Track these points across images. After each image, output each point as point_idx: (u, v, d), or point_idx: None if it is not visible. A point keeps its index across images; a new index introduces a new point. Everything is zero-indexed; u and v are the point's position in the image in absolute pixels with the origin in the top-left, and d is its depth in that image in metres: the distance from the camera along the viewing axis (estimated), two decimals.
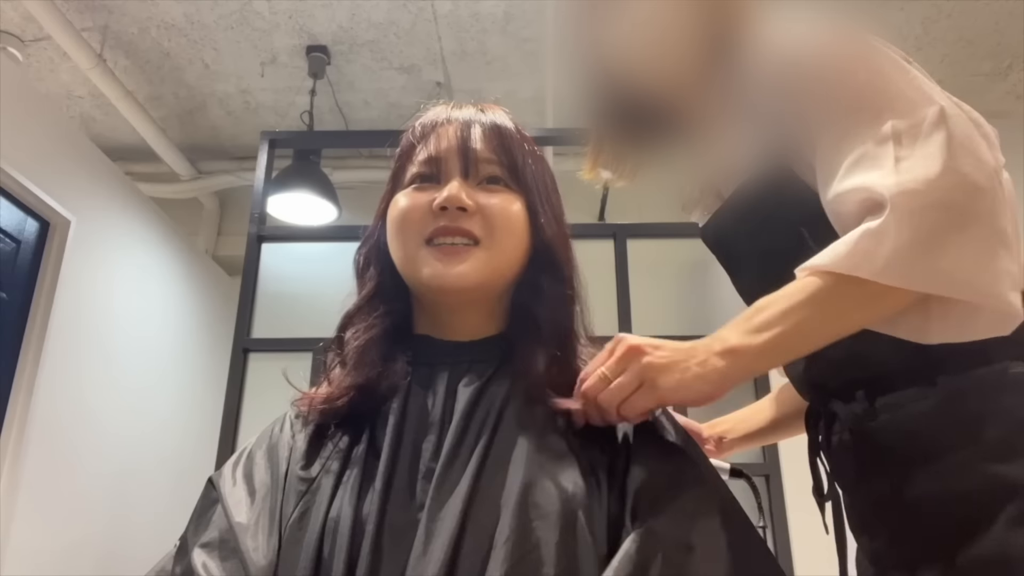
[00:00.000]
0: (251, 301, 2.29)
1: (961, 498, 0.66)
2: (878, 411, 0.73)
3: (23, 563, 2.28)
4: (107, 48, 2.82)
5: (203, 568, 0.62)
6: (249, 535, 0.63)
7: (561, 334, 0.72)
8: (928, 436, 0.69)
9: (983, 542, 0.64)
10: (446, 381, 0.70)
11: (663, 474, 0.63)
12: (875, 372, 0.74)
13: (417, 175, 0.74)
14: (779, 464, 2.11)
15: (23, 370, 2.39)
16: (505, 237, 0.72)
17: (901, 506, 0.71)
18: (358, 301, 0.77)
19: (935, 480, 0.68)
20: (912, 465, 0.70)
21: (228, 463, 0.72)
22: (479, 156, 0.73)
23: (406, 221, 0.72)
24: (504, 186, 0.74)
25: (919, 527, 0.70)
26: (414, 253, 0.72)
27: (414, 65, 2.99)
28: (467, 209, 0.70)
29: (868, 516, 0.78)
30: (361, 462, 0.65)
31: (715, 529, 0.60)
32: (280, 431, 0.73)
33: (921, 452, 0.69)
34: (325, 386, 0.73)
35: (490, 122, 0.76)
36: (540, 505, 0.59)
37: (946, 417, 0.68)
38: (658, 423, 0.70)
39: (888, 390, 0.72)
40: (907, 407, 0.71)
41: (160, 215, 3.24)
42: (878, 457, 0.74)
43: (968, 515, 0.65)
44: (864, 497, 0.78)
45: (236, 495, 0.67)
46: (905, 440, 0.71)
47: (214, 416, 2.21)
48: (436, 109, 0.79)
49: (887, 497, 0.73)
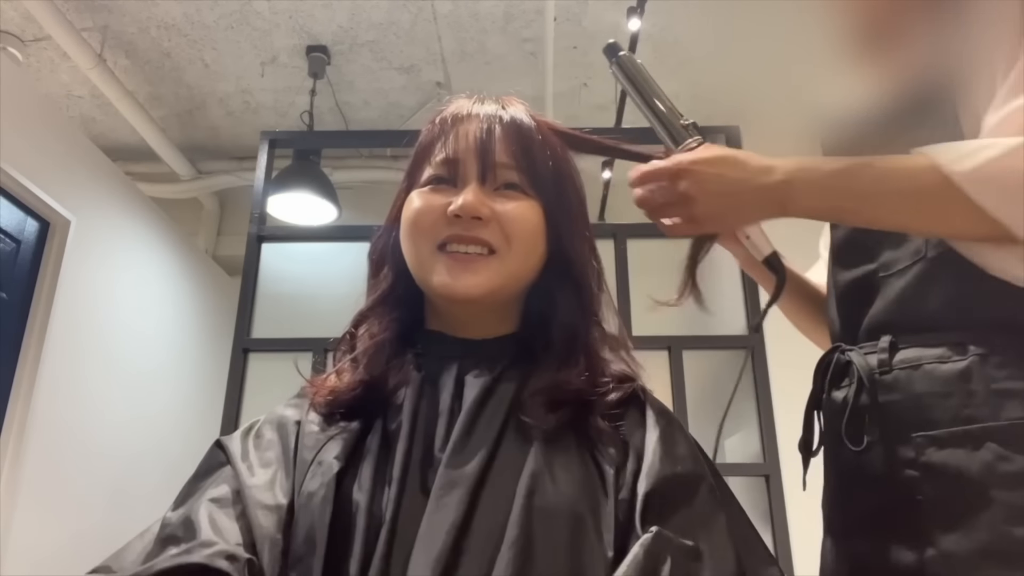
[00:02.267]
0: (251, 301, 2.29)
1: (957, 477, 0.64)
2: (894, 365, 0.70)
3: (23, 562, 2.28)
4: (107, 48, 2.82)
5: (209, 521, 0.60)
6: (260, 506, 0.61)
7: (573, 338, 0.72)
8: (933, 403, 0.67)
9: (978, 533, 0.62)
10: (455, 375, 0.70)
11: (672, 478, 0.63)
12: (911, 320, 0.71)
13: (434, 176, 0.73)
14: (779, 464, 2.11)
15: (23, 370, 2.39)
16: (520, 246, 0.71)
17: (889, 472, 0.69)
18: (371, 301, 0.76)
19: (934, 452, 0.66)
20: (910, 430, 0.68)
21: (236, 433, 0.71)
22: (498, 161, 0.71)
23: (419, 224, 0.71)
24: (522, 192, 0.72)
25: (907, 501, 0.67)
26: (426, 258, 0.71)
27: (414, 65, 2.99)
28: (482, 218, 0.69)
29: (850, 479, 0.76)
30: (374, 451, 0.64)
31: (722, 533, 0.60)
32: (285, 411, 0.73)
33: (927, 420, 0.67)
34: (334, 377, 0.72)
35: (511, 122, 0.74)
36: (547, 506, 0.59)
37: (963, 385, 0.65)
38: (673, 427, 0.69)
39: (914, 344, 0.70)
40: (925, 367, 0.68)
41: (160, 215, 3.24)
42: (883, 417, 0.71)
43: (961, 498, 0.63)
44: (852, 458, 0.75)
45: (248, 462, 0.66)
46: (913, 402, 0.68)
47: (214, 416, 2.21)
48: (458, 102, 0.77)
49: (878, 460, 0.71)
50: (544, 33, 2.67)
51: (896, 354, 0.71)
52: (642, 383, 0.73)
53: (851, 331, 0.78)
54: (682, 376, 2.16)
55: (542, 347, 0.71)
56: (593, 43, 2.81)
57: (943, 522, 0.64)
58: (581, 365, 0.70)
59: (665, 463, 0.64)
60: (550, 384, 0.67)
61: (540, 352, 0.71)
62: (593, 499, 0.61)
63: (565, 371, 0.69)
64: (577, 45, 2.84)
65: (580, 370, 0.69)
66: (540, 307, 0.73)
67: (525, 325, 0.75)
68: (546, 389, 0.67)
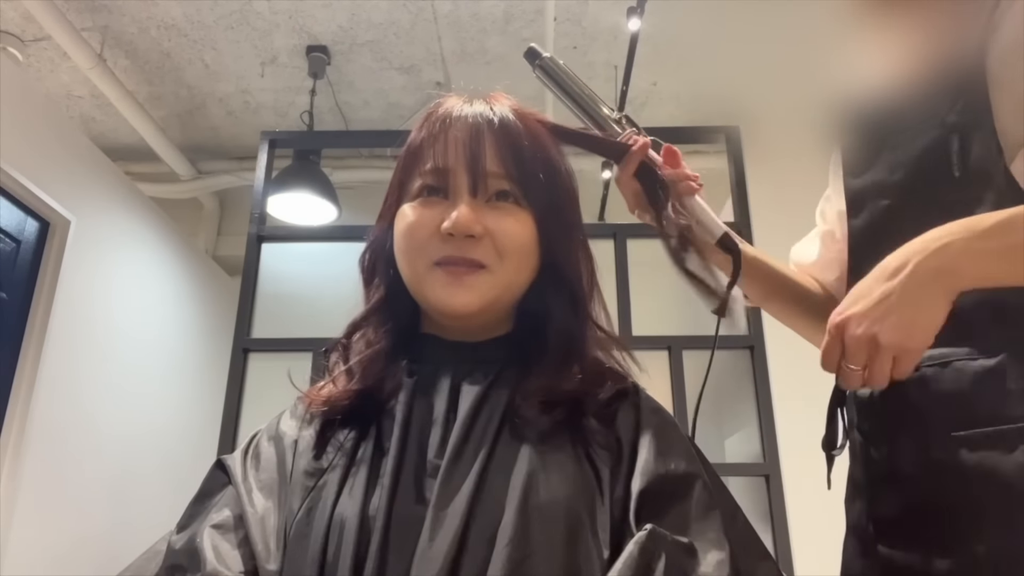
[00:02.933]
0: (251, 301, 2.29)
1: (992, 478, 0.62)
2: (921, 363, 0.68)
3: (23, 563, 2.28)
4: (107, 48, 2.82)
5: (213, 551, 0.61)
6: (260, 533, 0.63)
7: (567, 341, 0.72)
8: (964, 401, 0.65)
9: (1017, 536, 0.60)
10: (450, 378, 0.70)
11: (666, 476, 0.63)
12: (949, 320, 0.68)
13: (425, 187, 0.73)
14: (779, 464, 2.11)
15: (23, 370, 2.39)
16: (512, 262, 0.71)
17: (920, 474, 0.67)
18: (365, 311, 0.76)
19: (967, 453, 0.64)
20: (941, 430, 0.66)
21: (237, 452, 0.72)
22: (488, 170, 0.71)
23: (414, 241, 0.71)
24: (514, 202, 0.72)
25: (940, 503, 0.66)
26: (422, 274, 0.71)
27: (414, 65, 2.99)
28: (475, 235, 0.69)
29: (878, 479, 0.74)
30: (367, 459, 0.65)
31: (717, 530, 0.60)
32: (284, 425, 0.73)
33: (959, 419, 0.65)
34: (329, 387, 0.73)
35: (500, 125, 0.73)
36: (543, 506, 0.59)
37: (996, 383, 0.64)
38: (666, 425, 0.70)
39: (941, 342, 0.66)
40: (955, 364, 0.67)
41: (160, 215, 3.24)
42: (912, 416, 0.70)
43: (997, 500, 0.61)
44: (880, 458, 0.73)
45: (248, 483, 0.67)
46: (943, 400, 0.67)
47: (214, 416, 2.21)
48: (447, 103, 0.77)
49: (907, 460, 0.69)
50: (544, 33, 2.67)
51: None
52: (635, 381, 0.74)
53: None
54: (682, 376, 2.16)
55: (536, 348, 0.71)
56: (593, 43, 2.82)
57: (977, 526, 0.63)
58: (575, 366, 0.70)
59: (659, 461, 0.64)
60: (544, 386, 0.67)
61: (534, 353, 0.71)
62: (588, 498, 0.61)
63: (559, 373, 0.69)
64: (577, 45, 2.84)
65: (573, 371, 0.70)
66: (534, 308, 0.74)
67: (519, 326, 0.75)
68: (540, 391, 0.67)
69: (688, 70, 2.92)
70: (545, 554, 0.57)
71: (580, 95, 0.87)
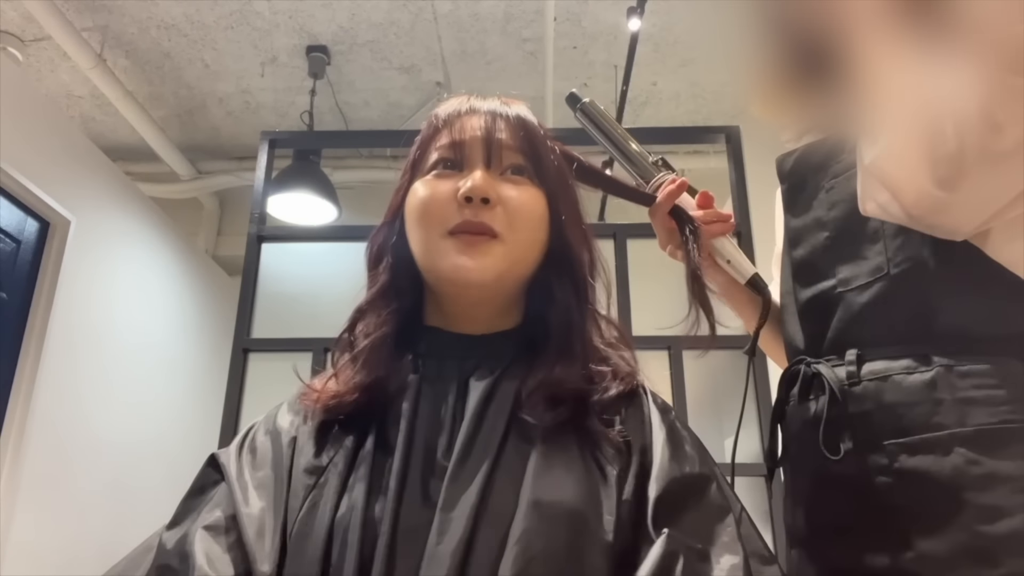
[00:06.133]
0: (251, 301, 2.29)
1: (929, 481, 0.65)
2: (862, 377, 0.72)
3: (23, 562, 2.29)
4: (107, 48, 2.82)
5: (204, 555, 0.60)
6: (254, 536, 0.62)
7: (569, 328, 0.72)
8: (903, 411, 0.69)
9: (953, 533, 0.63)
10: (457, 376, 0.69)
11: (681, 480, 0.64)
12: (876, 334, 0.73)
13: (439, 160, 0.73)
14: None
15: (23, 370, 2.39)
16: (524, 232, 0.71)
17: (863, 479, 0.70)
18: (370, 295, 0.76)
19: (906, 458, 0.67)
20: (886, 438, 0.69)
21: (232, 447, 0.71)
22: (504, 144, 0.72)
23: (428, 210, 0.71)
24: (528, 178, 0.73)
25: (881, 506, 0.69)
26: (436, 244, 0.70)
27: (414, 65, 2.99)
28: (490, 200, 0.69)
29: (819, 486, 0.77)
30: (370, 459, 0.64)
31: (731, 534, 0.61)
32: (282, 420, 0.72)
33: (898, 428, 0.69)
34: (333, 382, 0.72)
35: (515, 115, 0.75)
36: (551, 505, 0.59)
37: (930, 394, 0.67)
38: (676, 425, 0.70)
39: (880, 357, 0.72)
40: (893, 378, 0.70)
41: (160, 215, 3.24)
42: (855, 427, 0.73)
43: (934, 501, 0.65)
44: (820, 467, 0.76)
45: (243, 481, 0.66)
46: (883, 411, 0.70)
47: (214, 416, 2.21)
48: (459, 99, 0.77)
49: (850, 467, 0.72)
50: (544, 33, 2.67)
51: (863, 366, 0.73)
52: (642, 379, 0.73)
53: (815, 345, 0.81)
54: (682, 376, 2.16)
55: (542, 342, 0.71)
56: (593, 43, 2.81)
57: (918, 525, 0.66)
58: (578, 355, 0.70)
59: (673, 464, 0.64)
60: (548, 379, 0.67)
61: (540, 348, 0.71)
62: (595, 499, 0.61)
63: (563, 363, 0.69)
64: (577, 45, 2.84)
65: (577, 361, 0.70)
66: (539, 300, 0.74)
67: (525, 320, 0.75)
68: (544, 384, 0.67)
69: (688, 70, 2.92)
70: (552, 555, 0.57)
71: (619, 138, 0.93)
